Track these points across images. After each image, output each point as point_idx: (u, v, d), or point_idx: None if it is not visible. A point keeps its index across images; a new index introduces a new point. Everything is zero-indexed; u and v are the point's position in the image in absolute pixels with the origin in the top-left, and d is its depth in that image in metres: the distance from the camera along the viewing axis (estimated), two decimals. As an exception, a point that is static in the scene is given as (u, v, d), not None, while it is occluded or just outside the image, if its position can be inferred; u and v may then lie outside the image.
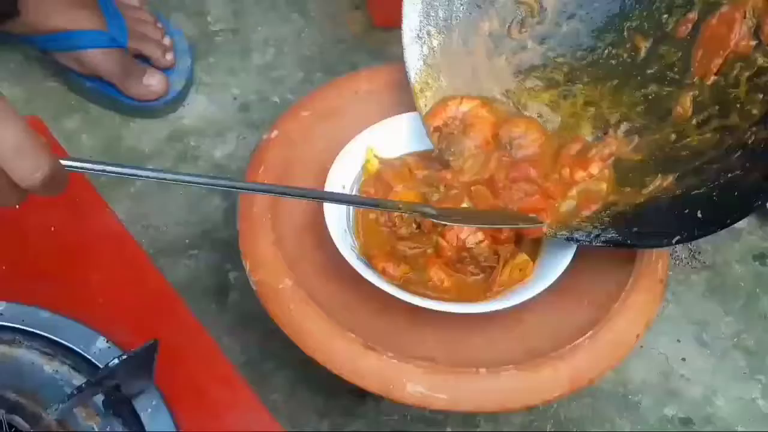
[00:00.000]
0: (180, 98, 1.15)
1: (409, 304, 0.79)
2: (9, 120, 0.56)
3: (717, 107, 0.78)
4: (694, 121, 0.79)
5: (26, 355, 0.68)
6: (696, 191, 0.76)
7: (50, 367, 0.67)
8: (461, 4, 0.91)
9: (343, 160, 0.89)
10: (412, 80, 0.91)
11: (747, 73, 0.76)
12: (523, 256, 0.84)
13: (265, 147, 0.91)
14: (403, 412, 0.93)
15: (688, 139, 0.79)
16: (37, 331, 0.69)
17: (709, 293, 1.05)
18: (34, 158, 0.57)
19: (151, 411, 0.66)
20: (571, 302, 0.84)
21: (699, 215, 0.74)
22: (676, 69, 0.82)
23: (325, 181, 0.87)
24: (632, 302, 0.81)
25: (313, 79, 1.20)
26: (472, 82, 0.91)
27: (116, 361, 0.63)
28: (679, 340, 1.01)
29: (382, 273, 0.82)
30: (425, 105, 0.91)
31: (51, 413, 0.63)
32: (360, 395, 0.93)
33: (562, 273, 0.82)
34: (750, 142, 0.73)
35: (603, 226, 0.80)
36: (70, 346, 0.68)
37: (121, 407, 0.66)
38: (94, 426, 0.65)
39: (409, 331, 0.82)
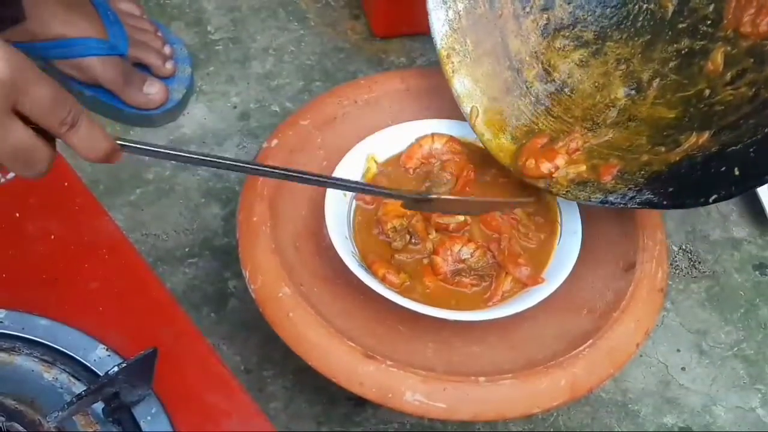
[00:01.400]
0: (180, 107, 1.15)
1: (411, 311, 0.79)
2: (41, 78, 0.57)
3: (752, 59, 0.76)
4: (728, 76, 0.77)
5: (26, 362, 0.68)
6: (732, 147, 0.74)
7: (50, 374, 0.67)
8: None
9: (343, 169, 0.89)
10: (438, 45, 0.90)
11: None
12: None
13: (265, 156, 0.91)
14: (402, 420, 0.93)
15: (723, 94, 0.77)
16: (37, 339, 0.69)
17: (708, 302, 1.05)
18: (67, 105, 0.58)
19: (150, 418, 0.66)
20: (571, 311, 0.84)
21: (736, 172, 0.73)
22: (708, 22, 0.80)
23: (324, 190, 0.87)
24: (632, 311, 0.81)
25: (312, 87, 1.20)
26: (500, 45, 0.90)
27: (115, 368, 0.63)
28: (678, 349, 1.01)
29: (383, 280, 0.82)
30: (452, 70, 0.90)
31: (50, 421, 0.62)
32: (358, 403, 0.93)
33: (562, 282, 0.82)
34: None
35: (638, 188, 0.79)
36: (70, 353, 0.68)
37: (121, 415, 0.66)
38: (93, 434, 0.65)
39: (408, 340, 0.82)
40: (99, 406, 0.65)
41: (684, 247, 1.09)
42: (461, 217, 0.86)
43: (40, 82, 0.57)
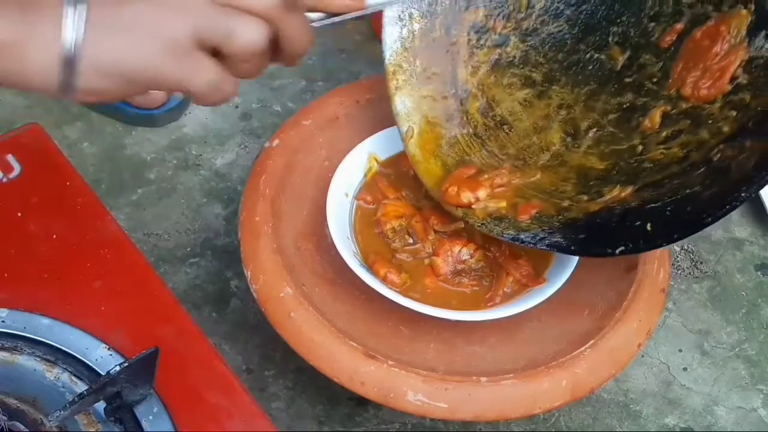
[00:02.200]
0: (182, 107, 1.15)
1: (412, 311, 0.79)
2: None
3: (689, 121, 0.77)
4: (663, 135, 0.77)
5: (28, 361, 0.68)
6: (651, 204, 0.74)
7: (51, 374, 0.67)
8: None
9: (345, 169, 0.89)
10: (386, 60, 0.90)
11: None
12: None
13: (267, 156, 0.91)
14: (403, 420, 0.93)
15: (654, 152, 0.78)
16: (39, 338, 0.69)
17: (710, 303, 1.05)
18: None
19: (152, 418, 0.66)
20: (573, 311, 0.84)
21: (648, 228, 0.73)
22: (654, 80, 0.80)
23: (327, 190, 0.87)
24: (633, 311, 0.81)
25: (314, 87, 1.20)
26: (449, 72, 0.90)
27: (117, 368, 0.63)
28: (680, 350, 1.01)
29: (384, 280, 0.82)
30: (395, 87, 0.90)
31: (52, 420, 0.62)
32: (360, 403, 0.93)
33: (563, 283, 0.82)
34: (715, 158, 0.71)
35: (551, 231, 0.79)
36: (72, 353, 0.68)
37: (122, 414, 0.66)
38: (95, 433, 0.65)
39: (409, 340, 0.82)
40: (101, 406, 0.65)
41: (686, 247, 1.09)
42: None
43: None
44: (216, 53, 0.56)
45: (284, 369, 0.95)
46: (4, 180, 0.78)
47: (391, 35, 0.90)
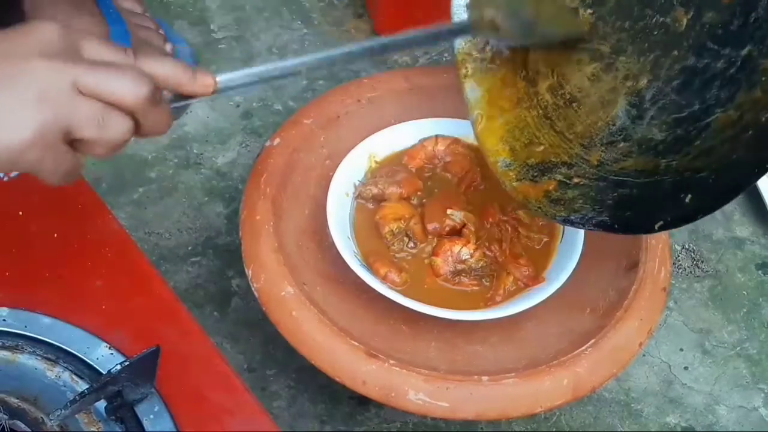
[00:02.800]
0: (183, 105, 1.15)
1: (412, 310, 0.79)
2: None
3: (744, 79, 0.75)
4: (722, 95, 0.73)
5: (29, 360, 0.68)
6: (701, 173, 0.72)
7: (52, 372, 0.67)
8: None
9: (346, 168, 0.89)
10: (456, 49, 0.89)
11: None
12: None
13: (268, 155, 0.91)
14: (405, 419, 0.93)
15: (712, 116, 0.76)
16: (40, 337, 0.69)
17: (711, 302, 1.05)
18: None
19: (153, 417, 0.66)
20: (574, 310, 0.84)
21: (687, 200, 0.72)
22: (716, 39, 0.75)
23: (327, 189, 0.87)
24: (635, 310, 0.81)
25: (315, 86, 1.20)
26: (519, 54, 0.87)
27: (118, 367, 0.63)
28: (681, 349, 1.01)
29: (385, 279, 0.82)
30: (464, 75, 0.88)
31: (53, 419, 0.62)
32: (362, 402, 0.93)
33: (564, 282, 0.82)
34: (763, 119, 0.69)
35: (602, 209, 0.77)
36: (73, 351, 0.68)
37: (123, 413, 0.66)
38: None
39: (411, 339, 0.82)
40: (102, 405, 0.65)
41: (687, 246, 1.09)
42: (457, 219, 0.86)
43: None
44: (75, 139, 0.57)
45: (286, 368, 0.95)
46: (5, 179, 0.78)
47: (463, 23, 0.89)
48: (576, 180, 0.81)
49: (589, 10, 0.84)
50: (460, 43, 0.88)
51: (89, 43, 0.59)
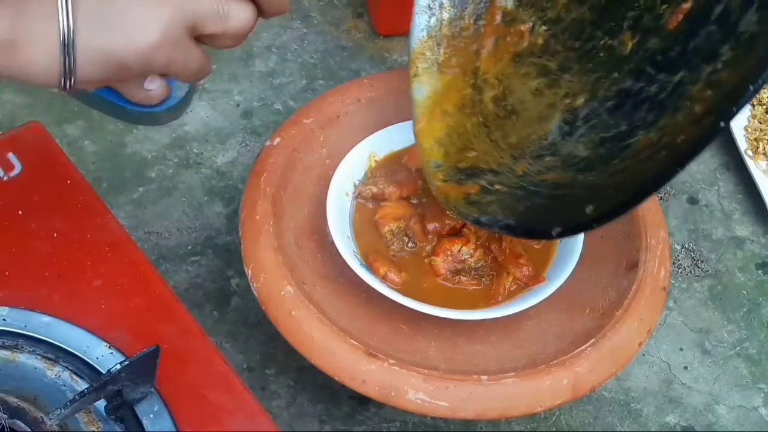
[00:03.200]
0: (183, 105, 1.15)
1: (412, 310, 0.79)
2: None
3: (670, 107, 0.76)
4: (648, 118, 0.74)
5: (28, 360, 0.68)
6: (608, 190, 0.73)
7: (52, 372, 0.67)
8: None
9: (346, 168, 0.89)
10: (412, 47, 0.89)
11: None
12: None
13: (268, 154, 0.91)
14: (404, 419, 0.93)
15: (636, 138, 0.76)
16: (39, 336, 0.69)
17: (711, 301, 1.05)
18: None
19: (152, 416, 0.66)
20: (573, 310, 0.84)
21: (588, 210, 0.72)
22: (653, 65, 0.77)
23: (327, 189, 0.87)
24: (634, 310, 0.81)
25: (315, 86, 1.20)
26: (471, 61, 0.89)
27: (118, 366, 0.63)
28: (681, 348, 1.01)
29: (384, 278, 0.82)
30: (414, 74, 0.89)
31: (53, 418, 0.62)
32: (361, 402, 0.93)
33: (564, 281, 0.82)
34: (665, 140, 0.71)
35: (512, 215, 0.78)
36: (72, 351, 0.68)
37: (123, 413, 0.66)
38: (96, 431, 0.65)
39: (410, 338, 0.82)
40: (101, 404, 0.65)
41: (687, 245, 1.09)
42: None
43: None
44: (201, 35, 0.58)
45: (285, 367, 0.95)
46: (5, 178, 0.78)
47: (419, 24, 0.90)
48: (498, 187, 0.81)
49: (544, 27, 0.85)
50: (416, 42, 0.89)
51: None
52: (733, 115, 0.65)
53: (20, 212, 0.76)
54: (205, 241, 1.04)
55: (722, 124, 0.65)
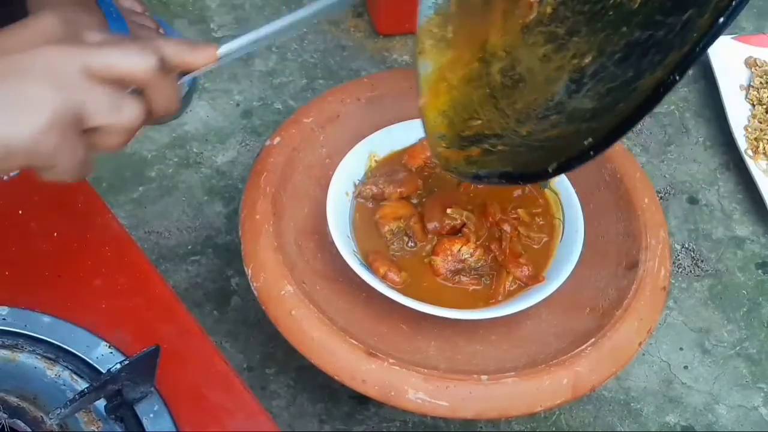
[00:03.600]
0: (183, 104, 1.15)
1: (412, 309, 0.79)
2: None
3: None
4: (650, 59, 0.75)
5: (28, 359, 0.68)
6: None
7: (52, 371, 0.67)
8: None
9: (346, 167, 0.89)
10: (419, 25, 0.88)
11: None
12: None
13: (268, 154, 0.91)
14: (404, 418, 0.93)
15: (644, 79, 0.75)
16: (40, 336, 0.69)
17: (711, 301, 1.05)
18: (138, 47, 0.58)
19: (152, 416, 0.66)
20: (574, 310, 0.84)
21: (586, 142, 0.72)
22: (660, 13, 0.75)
23: (327, 188, 0.87)
24: (634, 310, 0.81)
25: (315, 85, 1.20)
26: (479, 37, 0.89)
27: (118, 366, 0.63)
28: (681, 348, 1.01)
29: (384, 278, 0.82)
30: (419, 51, 0.88)
31: (53, 418, 0.62)
32: (361, 401, 0.93)
33: (564, 281, 0.82)
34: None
35: (508, 164, 0.78)
36: (72, 350, 0.68)
37: (123, 412, 0.66)
38: (96, 431, 0.65)
39: (410, 338, 0.82)
40: (101, 404, 0.65)
41: (687, 245, 1.09)
42: (456, 218, 0.86)
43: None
44: (88, 127, 0.57)
45: (285, 367, 0.95)
46: (5, 178, 0.78)
47: (427, 1, 0.89)
48: (500, 148, 0.81)
49: None
50: (424, 19, 0.89)
51: (90, 31, 0.59)
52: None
53: (20, 212, 0.76)
54: (205, 240, 1.04)
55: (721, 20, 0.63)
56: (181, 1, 1.26)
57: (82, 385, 0.66)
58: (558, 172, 0.73)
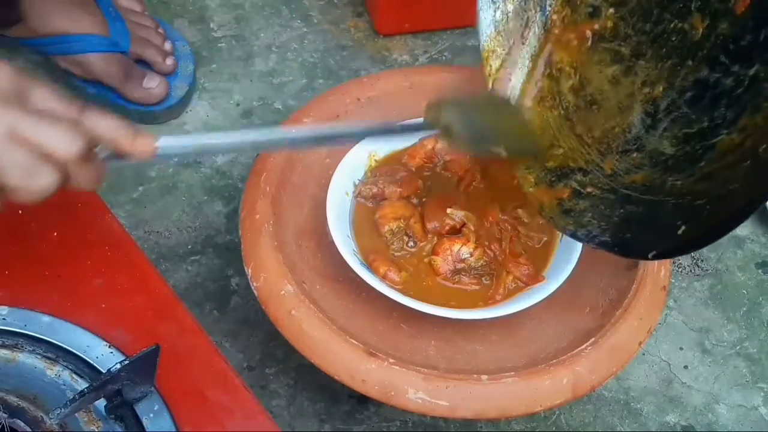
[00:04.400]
0: (182, 104, 1.15)
1: (412, 309, 0.79)
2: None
3: (749, 101, 0.73)
4: (728, 115, 0.72)
5: (28, 359, 0.68)
6: (698, 201, 0.71)
7: (52, 371, 0.67)
8: None
9: (345, 167, 0.89)
10: (482, 46, 0.88)
11: None
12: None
13: (267, 153, 0.91)
14: (404, 418, 0.93)
15: (718, 137, 0.72)
16: (40, 336, 0.69)
17: (711, 300, 1.05)
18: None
19: (152, 416, 0.66)
20: (574, 309, 0.84)
21: (680, 230, 0.71)
22: (728, 52, 0.74)
23: (327, 188, 0.87)
24: (634, 309, 0.81)
25: (315, 85, 1.20)
26: (543, 51, 0.87)
27: (118, 365, 0.63)
28: (681, 348, 1.01)
29: (384, 278, 0.82)
30: (488, 73, 0.88)
31: (53, 418, 0.62)
32: (361, 401, 0.93)
33: (564, 281, 0.82)
34: (761, 150, 0.68)
35: (606, 227, 0.77)
36: (72, 350, 0.68)
37: (123, 412, 0.66)
38: (96, 430, 0.65)
39: (410, 338, 0.82)
40: (101, 404, 0.65)
41: (687, 245, 1.09)
42: (457, 218, 0.86)
43: None
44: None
45: (285, 366, 0.95)
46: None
47: (485, 19, 0.88)
48: (589, 189, 0.80)
49: (611, 9, 0.83)
50: (485, 38, 0.88)
51: (38, 91, 0.59)
52: None
53: (20, 212, 0.76)
54: (205, 240, 1.04)
55: None
56: (181, 1, 1.26)
57: (82, 385, 0.66)
58: (657, 258, 0.72)
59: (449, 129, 0.75)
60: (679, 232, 0.70)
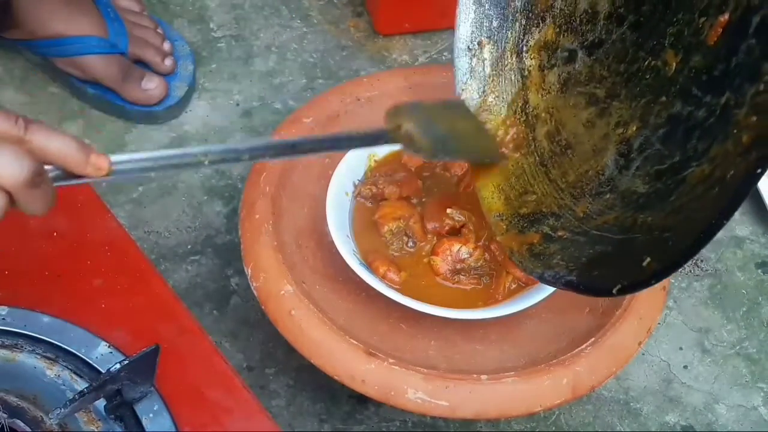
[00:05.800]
0: (182, 104, 1.15)
1: (411, 309, 0.79)
2: None
3: (719, 131, 0.73)
4: (699, 147, 0.71)
5: (28, 359, 0.68)
6: (666, 233, 0.70)
7: (52, 371, 0.67)
8: (516, 11, 0.86)
9: (345, 167, 0.89)
10: (457, 92, 0.88)
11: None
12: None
13: (267, 153, 0.91)
14: (404, 418, 0.93)
15: (690, 170, 0.71)
16: (39, 336, 0.69)
17: (711, 300, 1.05)
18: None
19: (152, 416, 0.66)
20: (573, 309, 0.84)
21: (645, 262, 0.68)
22: (700, 85, 0.74)
23: (327, 188, 0.87)
24: (634, 309, 0.81)
25: (315, 85, 1.20)
26: (520, 98, 0.87)
27: (118, 365, 0.63)
28: (681, 348, 1.01)
29: (384, 278, 0.82)
30: None
31: (52, 418, 0.63)
32: (361, 401, 0.93)
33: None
34: (729, 176, 0.65)
35: (574, 268, 0.75)
36: (72, 350, 0.69)
37: (123, 412, 0.66)
38: (96, 430, 0.65)
39: (410, 338, 0.82)
40: (101, 403, 0.65)
41: (686, 245, 1.09)
42: (457, 219, 0.86)
43: None
44: None
45: (285, 367, 0.95)
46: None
47: (461, 68, 0.88)
48: (560, 233, 0.80)
49: (586, 52, 0.83)
50: (461, 87, 0.88)
51: None
52: None
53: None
54: (205, 240, 1.04)
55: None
56: (180, 1, 1.26)
57: (81, 384, 0.66)
58: (621, 293, 0.72)
59: (410, 136, 0.74)
60: (645, 264, 0.69)
